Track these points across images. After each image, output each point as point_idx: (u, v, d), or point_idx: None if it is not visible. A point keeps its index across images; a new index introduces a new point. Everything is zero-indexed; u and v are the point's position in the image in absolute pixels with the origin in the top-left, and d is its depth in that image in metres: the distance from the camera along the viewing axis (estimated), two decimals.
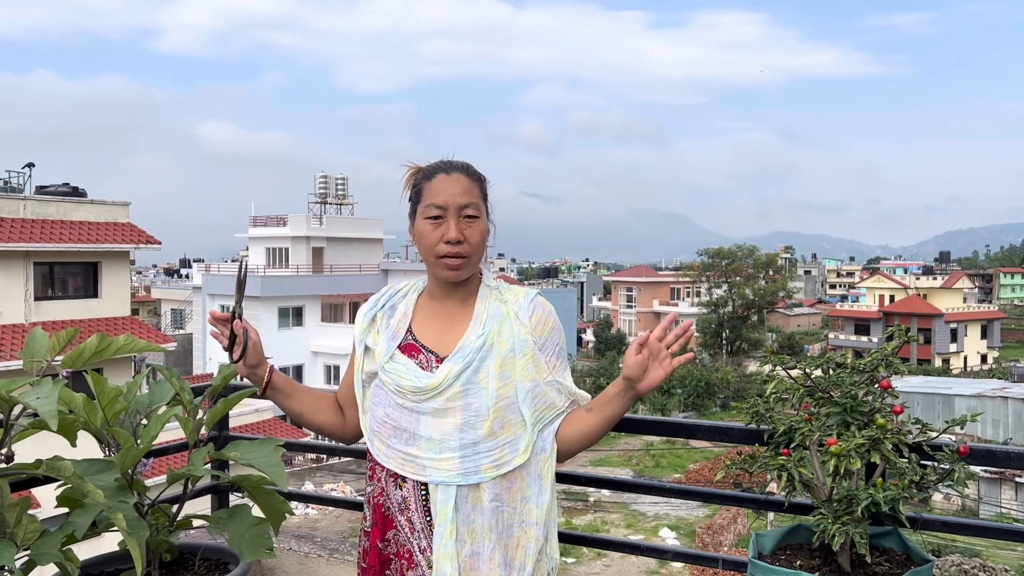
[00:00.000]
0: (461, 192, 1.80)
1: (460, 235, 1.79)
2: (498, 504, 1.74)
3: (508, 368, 1.76)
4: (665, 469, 34.21)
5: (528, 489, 1.75)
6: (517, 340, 1.79)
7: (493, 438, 1.74)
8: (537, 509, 1.75)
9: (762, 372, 4.14)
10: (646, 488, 2.26)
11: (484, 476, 1.73)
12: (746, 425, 1.88)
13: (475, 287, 1.88)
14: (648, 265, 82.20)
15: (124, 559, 2.08)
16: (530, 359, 1.78)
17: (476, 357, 1.76)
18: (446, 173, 1.83)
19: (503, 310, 1.83)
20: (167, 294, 55.09)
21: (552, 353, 1.83)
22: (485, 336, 1.79)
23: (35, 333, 1.68)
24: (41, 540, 1.65)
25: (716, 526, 24.85)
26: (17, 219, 17.87)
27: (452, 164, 1.87)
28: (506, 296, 1.86)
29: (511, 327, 1.80)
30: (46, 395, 1.48)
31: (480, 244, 1.82)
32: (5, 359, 16.42)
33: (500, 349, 1.77)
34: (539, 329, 1.81)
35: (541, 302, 1.86)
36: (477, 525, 1.73)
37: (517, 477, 1.75)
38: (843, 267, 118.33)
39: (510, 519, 1.74)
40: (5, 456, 1.66)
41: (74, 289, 19.30)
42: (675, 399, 44.82)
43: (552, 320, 1.85)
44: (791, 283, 68.43)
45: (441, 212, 1.80)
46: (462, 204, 1.80)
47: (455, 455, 1.74)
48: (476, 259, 1.83)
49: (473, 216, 1.81)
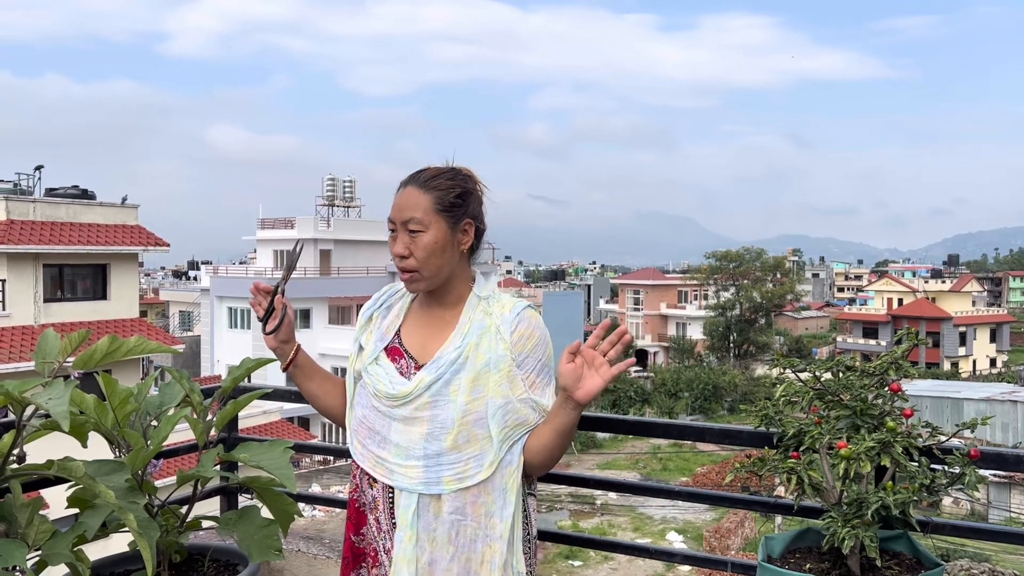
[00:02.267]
0: (406, 206, 1.80)
1: (404, 250, 1.80)
2: (459, 517, 1.73)
3: (481, 383, 1.74)
4: (672, 472, 34.13)
5: (493, 504, 1.74)
6: (494, 355, 1.76)
7: (456, 451, 1.73)
8: (501, 523, 1.73)
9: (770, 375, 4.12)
10: (655, 491, 2.26)
11: (445, 488, 1.73)
12: (755, 428, 1.88)
13: (462, 295, 1.86)
14: (655, 268, 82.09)
15: (134, 560, 2.09)
16: (505, 375, 1.75)
17: (449, 370, 1.76)
18: (402, 187, 1.84)
19: (486, 323, 1.80)
20: (175, 296, 55.28)
21: (532, 370, 1.78)
22: (461, 349, 1.77)
23: (47, 334, 1.69)
24: (52, 540, 1.66)
25: (723, 530, 24.78)
26: (27, 221, 17.97)
27: (415, 176, 1.85)
28: (493, 308, 1.82)
29: (490, 341, 1.77)
30: (58, 396, 1.49)
31: (428, 257, 1.79)
32: (15, 360, 16.50)
33: (475, 363, 1.76)
34: (520, 344, 1.77)
35: (527, 316, 1.80)
36: (437, 534, 1.74)
37: (482, 492, 1.73)
38: (851, 270, 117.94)
39: (474, 533, 1.73)
40: (17, 457, 1.67)
41: (83, 291, 19.39)
42: (682, 402, 44.72)
43: (537, 335, 1.79)
44: (799, 286, 68.10)
45: (393, 227, 1.83)
46: (404, 219, 1.79)
47: (419, 464, 1.75)
48: (429, 272, 1.81)
49: (415, 231, 1.78)
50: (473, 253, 1.88)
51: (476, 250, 1.89)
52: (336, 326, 37.46)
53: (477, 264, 1.95)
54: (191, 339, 41.04)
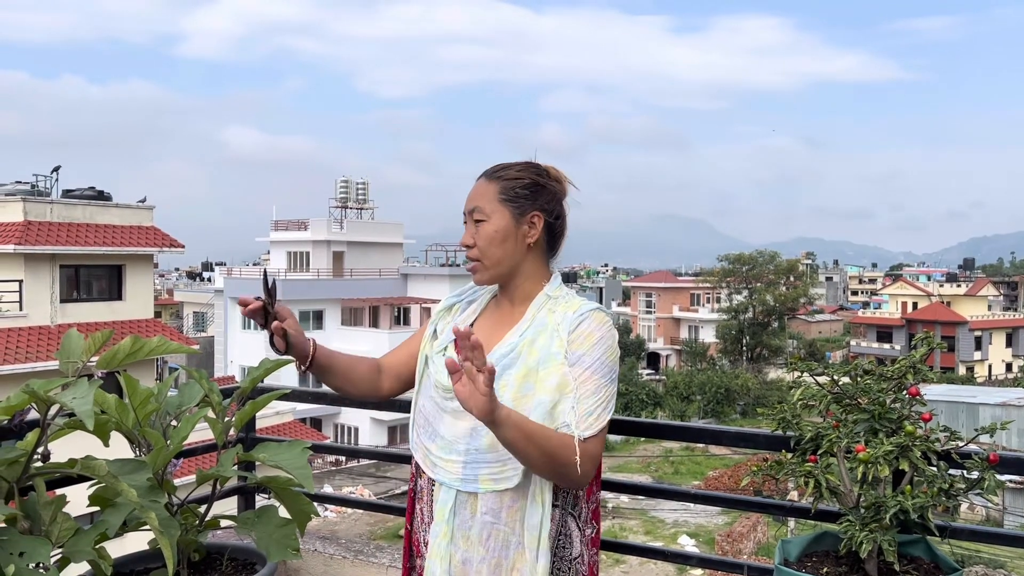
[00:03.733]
0: (473, 196, 1.81)
1: (468, 239, 1.80)
2: (492, 520, 1.69)
3: (531, 381, 1.69)
4: (684, 476, 34.02)
5: (528, 511, 1.68)
6: (546, 353, 1.70)
7: (494, 451, 1.67)
8: (528, 532, 1.67)
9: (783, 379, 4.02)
10: (670, 494, 2.25)
11: (481, 487, 1.70)
12: (772, 431, 1.88)
13: (531, 293, 1.82)
14: (668, 270, 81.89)
15: (153, 558, 2.11)
16: (556, 373, 1.68)
17: (499, 364, 1.71)
18: (477, 181, 1.85)
19: (548, 320, 1.75)
20: (189, 297, 55.61)
21: (587, 367, 1.68)
22: (515, 345, 1.74)
23: (71, 334, 1.72)
24: (75, 538, 1.68)
25: (736, 534, 24.68)
26: (44, 222, 18.13)
27: (486, 170, 1.85)
28: (558, 307, 1.77)
29: (547, 339, 1.72)
30: (82, 395, 1.51)
31: (488, 246, 1.77)
32: (32, 360, 16.64)
33: (527, 360, 1.71)
34: (576, 343, 1.70)
35: (591, 316, 1.73)
36: (472, 534, 1.71)
37: (518, 496, 1.69)
38: (865, 273, 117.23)
39: (506, 539, 1.69)
40: (41, 455, 1.69)
41: (99, 291, 19.54)
42: (694, 405, 44.57)
43: (598, 335, 1.71)
44: (813, 289, 67.77)
45: (464, 219, 1.83)
46: (470, 209, 1.81)
47: (459, 459, 1.73)
48: (490, 262, 1.79)
49: (479, 220, 1.78)
50: (552, 251, 1.85)
51: (555, 248, 1.86)
52: (349, 327, 37.57)
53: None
54: (205, 340, 41.28)
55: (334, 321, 37.80)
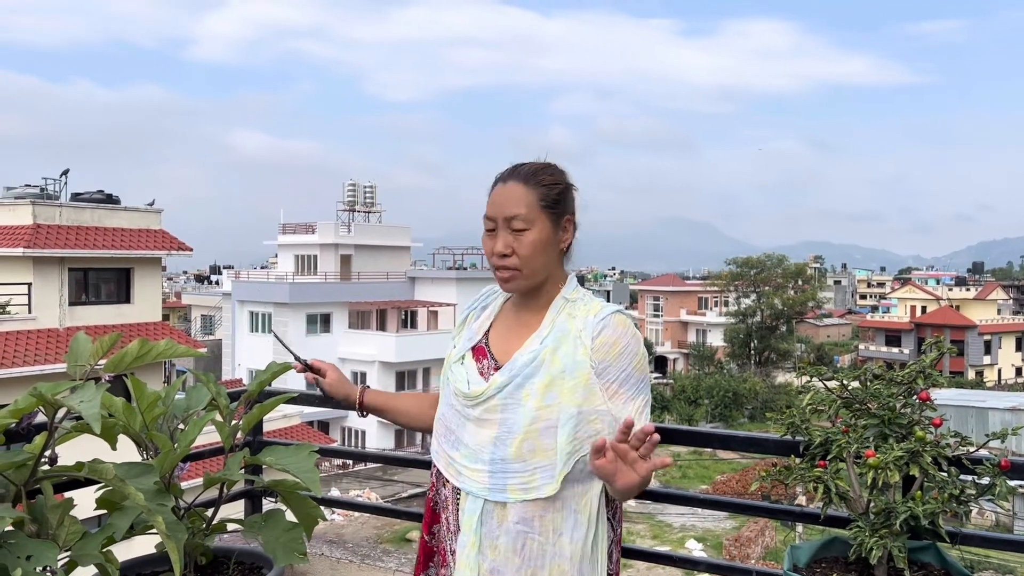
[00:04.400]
0: (510, 203, 1.73)
1: (506, 248, 1.73)
2: (526, 529, 1.66)
3: (555, 389, 1.66)
4: (692, 480, 33.94)
5: (563, 522, 1.65)
6: (571, 361, 1.67)
7: (521, 460, 1.66)
8: (571, 544, 1.65)
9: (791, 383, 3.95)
10: (679, 499, 2.24)
11: (510, 496, 1.66)
12: (781, 436, 1.86)
13: (550, 297, 1.79)
14: (675, 274, 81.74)
15: (160, 561, 2.11)
16: (581, 383, 1.65)
17: (522, 373, 1.69)
18: (503, 183, 1.78)
19: (568, 326, 1.72)
20: (197, 300, 55.73)
21: (614, 379, 1.66)
22: (537, 352, 1.70)
23: (79, 337, 1.72)
24: (82, 541, 1.68)
25: (743, 538, 24.59)
26: (53, 226, 18.20)
27: (514, 171, 1.79)
28: (578, 311, 1.74)
29: (570, 346, 1.69)
30: (89, 398, 1.51)
31: (532, 256, 1.72)
32: (40, 363, 16.70)
33: (550, 368, 1.68)
34: (601, 351, 1.66)
35: (613, 321, 1.69)
36: (500, 543, 1.67)
37: (550, 507, 1.65)
38: (874, 277, 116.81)
39: (541, 549, 1.65)
40: (49, 459, 1.69)
41: (107, 295, 19.58)
42: (702, 409, 44.46)
43: (623, 343, 1.68)
44: (821, 293, 67.66)
45: (493, 224, 1.76)
46: (508, 216, 1.73)
47: (485, 468, 1.70)
48: (530, 271, 1.74)
49: (520, 228, 1.72)
50: (565, 255, 1.83)
51: (570, 251, 1.83)
52: (356, 331, 37.62)
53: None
54: (212, 343, 41.36)
55: (341, 324, 37.84)
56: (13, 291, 17.52)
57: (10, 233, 17.91)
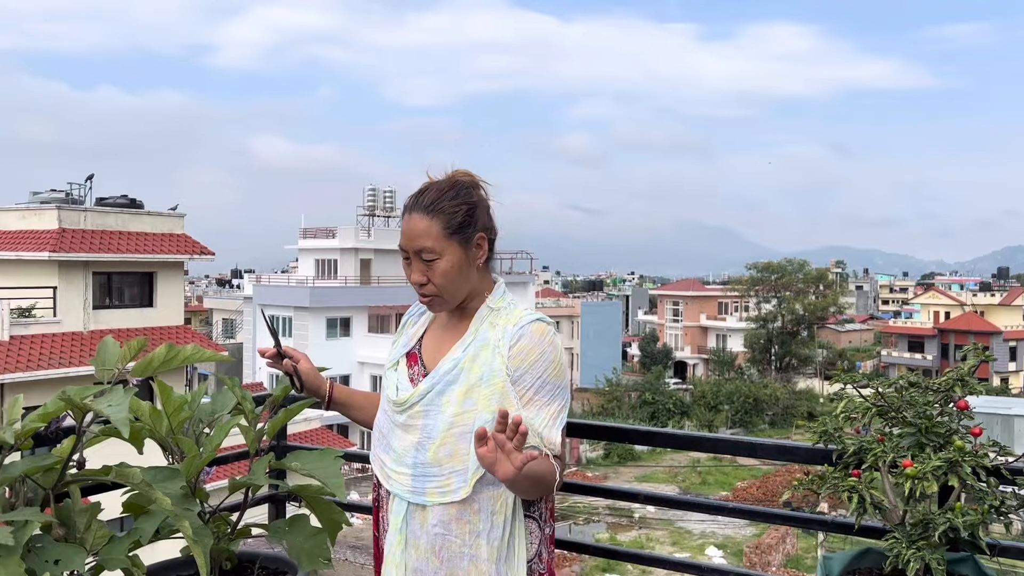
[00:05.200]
0: (416, 236, 1.77)
1: (422, 278, 1.78)
2: (443, 532, 1.71)
3: (472, 396, 1.71)
4: (712, 487, 33.70)
5: (480, 524, 1.70)
6: (488, 369, 1.72)
7: (438, 464, 1.71)
8: (487, 545, 1.69)
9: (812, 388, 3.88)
10: (704, 507, 2.21)
11: (428, 499, 1.73)
12: (813, 445, 1.83)
13: (475, 307, 1.83)
14: (695, 279, 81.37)
15: (186, 566, 2.11)
16: (497, 390, 1.70)
17: (443, 380, 1.75)
18: (408, 213, 1.80)
19: (489, 335, 1.76)
20: (219, 304, 56.19)
21: (529, 386, 1.70)
22: (458, 360, 1.76)
23: (106, 341, 1.72)
24: (109, 546, 1.68)
25: (764, 546, 24.39)
26: (78, 230, 18.41)
27: (416, 200, 1.80)
28: (500, 320, 1.78)
29: (489, 354, 1.74)
30: (118, 403, 1.51)
31: (447, 282, 1.77)
32: (65, 366, 16.88)
33: (469, 376, 1.73)
34: (517, 359, 1.71)
35: (531, 330, 1.73)
36: (422, 544, 1.73)
37: (466, 509, 1.70)
38: (896, 282, 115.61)
39: (459, 551, 1.70)
40: (77, 462, 1.69)
41: (130, 298, 19.78)
42: (722, 415, 44.18)
43: (538, 351, 1.72)
44: (842, 298, 67.03)
45: (406, 254, 1.81)
46: (417, 249, 1.77)
47: (408, 472, 1.77)
48: (449, 295, 1.79)
49: (430, 259, 1.76)
50: (489, 262, 1.86)
51: (491, 258, 1.86)
52: (375, 334, 37.74)
53: (514, 275, 1.92)
54: (233, 346, 41.66)
55: (361, 328, 37.99)
56: (39, 294, 17.73)
57: (36, 237, 18.14)
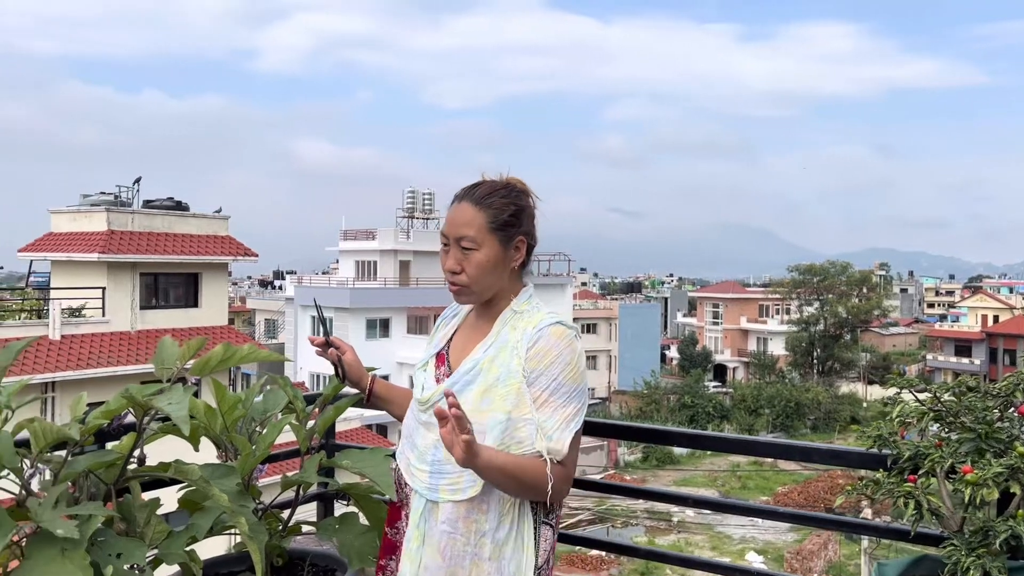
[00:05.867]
0: (460, 223, 1.81)
1: (456, 266, 1.81)
2: (449, 530, 1.73)
3: (489, 396, 1.74)
4: (752, 492, 33.30)
5: (486, 523, 1.72)
6: (505, 370, 1.75)
7: (452, 462, 1.69)
8: (491, 545, 1.71)
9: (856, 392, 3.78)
10: (755, 511, 2.19)
11: (441, 496, 1.76)
12: (867, 449, 1.81)
13: (500, 309, 1.86)
14: (735, 281, 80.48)
15: (238, 561, 2.14)
16: (513, 391, 1.72)
17: (462, 380, 1.79)
18: (457, 201, 1.85)
19: (509, 337, 1.79)
20: (261, 305, 56.98)
21: (545, 388, 1.72)
22: (477, 361, 1.79)
23: (165, 341, 1.76)
24: (168, 540, 1.72)
25: (805, 551, 24.03)
26: (126, 232, 18.80)
27: (469, 191, 1.85)
28: (521, 322, 1.81)
29: (507, 355, 1.76)
30: (178, 401, 1.55)
31: (480, 275, 1.80)
32: (113, 364, 17.25)
33: (487, 376, 1.76)
34: (534, 360, 1.73)
35: (549, 332, 1.75)
36: (432, 541, 1.76)
37: (475, 508, 1.72)
38: (942, 285, 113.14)
39: (463, 550, 1.72)
40: (138, 459, 1.73)
41: (175, 299, 20.13)
42: (762, 419, 43.63)
43: (554, 353, 1.73)
44: (886, 301, 65.74)
45: (446, 241, 1.84)
46: (458, 236, 1.80)
47: (427, 469, 1.80)
48: (478, 287, 1.82)
49: (468, 248, 1.79)
50: (524, 267, 1.89)
51: (527, 264, 1.89)
52: (414, 335, 37.96)
53: (552, 277, 1.92)
54: (275, 346, 42.22)
55: (400, 329, 38.24)
56: (88, 295, 18.15)
57: (86, 239, 18.58)
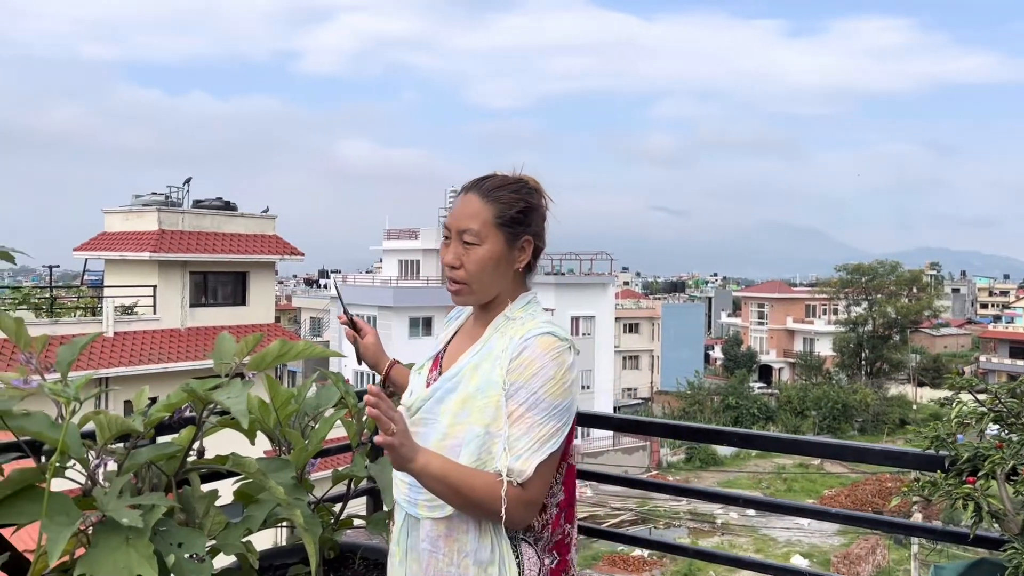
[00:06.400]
0: (464, 216, 1.69)
1: (455, 260, 1.69)
2: (431, 549, 1.63)
3: (467, 408, 1.62)
4: (798, 494, 32.80)
5: (468, 544, 1.59)
6: (486, 381, 1.62)
7: None
8: (475, 567, 1.59)
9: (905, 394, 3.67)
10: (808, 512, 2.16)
11: (419, 512, 1.65)
12: (924, 450, 1.77)
13: (496, 314, 1.73)
14: (781, 280, 79.34)
15: (291, 554, 2.18)
16: (492, 403, 1.59)
17: (443, 388, 1.68)
18: (464, 192, 1.74)
19: (496, 345, 1.66)
20: (306, 303, 57.76)
21: (522, 402, 1.57)
22: (460, 369, 1.69)
23: (223, 337, 1.80)
24: (225, 531, 1.76)
25: (853, 556, 23.61)
26: (176, 231, 19.22)
27: (478, 183, 1.73)
28: (510, 330, 1.67)
29: (490, 365, 1.64)
30: (237, 395, 1.58)
31: (479, 272, 1.68)
32: (164, 361, 17.64)
33: (468, 386, 1.65)
34: (515, 372, 1.59)
35: (534, 343, 1.60)
36: (416, 558, 1.67)
37: (455, 528, 1.61)
38: (996, 285, 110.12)
39: (446, 570, 1.61)
40: (197, 451, 1.77)
41: (223, 297, 20.50)
42: (809, 421, 42.97)
43: (538, 365, 1.58)
44: (937, 301, 64.22)
45: (447, 233, 1.73)
46: (461, 229, 1.69)
47: (407, 481, 1.68)
48: (477, 286, 1.70)
49: (470, 242, 1.67)
50: (529, 272, 1.77)
51: (533, 269, 1.77)
52: None
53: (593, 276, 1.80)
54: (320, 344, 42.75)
55: (442, 328, 38.47)
56: (140, 293, 18.59)
57: (138, 238, 19.04)
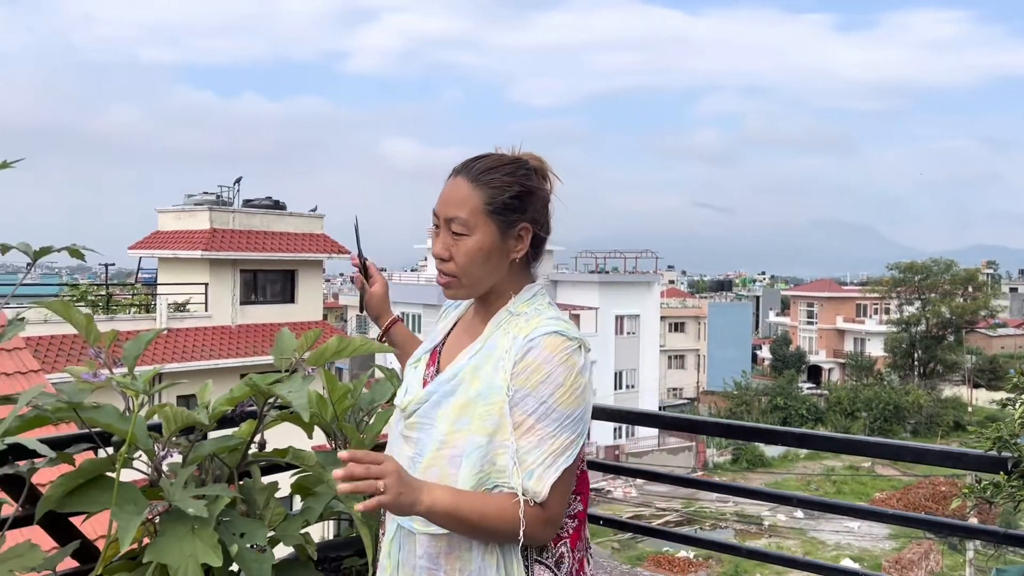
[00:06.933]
0: (452, 203, 1.53)
1: (444, 252, 1.54)
2: (431, 566, 1.48)
3: (468, 414, 1.47)
4: (847, 496, 32.23)
5: (471, 562, 1.46)
6: (487, 385, 1.47)
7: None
8: None
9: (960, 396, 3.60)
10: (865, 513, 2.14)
11: (415, 526, 1.49)
12: (985, 451, 1.74)
13: (496, 308, 1.58)
14: (831, 279, 77.93)
15: (346, 546, 2.23)
16: (494, 411, 1.45)
17: (440, 390, 1.53)
18: (453, 176, 1.56)
19: (498, 344, 1.51)
20: (353, 301, 58.43)
21: (531, 412, 1.43)
22: (458, 370, 1.53)
23: (283, 333, 1.84)
24: (285, 523, 1.81)
25: (905, 560, 23.15)
26: (227, 230, 19.62)
27: (467, 165, 1.57)
28: (514, 328, 1.52)
29: (492, 367, 1.49)
30: (298, 389, 1.62)
31: (469, 265, 1.52)
32: (214, 357, 18.02)
33: (468, 389, 1.49)
34: (521, 377, 1.44)
35: (541, 343, 1.45)
36: (412, 574, 1.51)
37: (456, 545, 1.46)
38: None
39: None
40: (258, 444, 1.82)
41: (272, 295, 20.88)
42: (859, 423, 42.19)
43: (546, 370, 1.44)
44: (994, 301, 62.44)
45: (436, 221, 1.56)
46: (448, 217, 1.53)
47: None
48: (468, 280, 1.55)
49: (459, 232, 1.52)
50: (532, 262, 1.61)
51: (536, 259, 1.61)
52: None
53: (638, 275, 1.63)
54: None
55: None
56: (192, 291, 19.02)
57: (190, 237, 19.48)
